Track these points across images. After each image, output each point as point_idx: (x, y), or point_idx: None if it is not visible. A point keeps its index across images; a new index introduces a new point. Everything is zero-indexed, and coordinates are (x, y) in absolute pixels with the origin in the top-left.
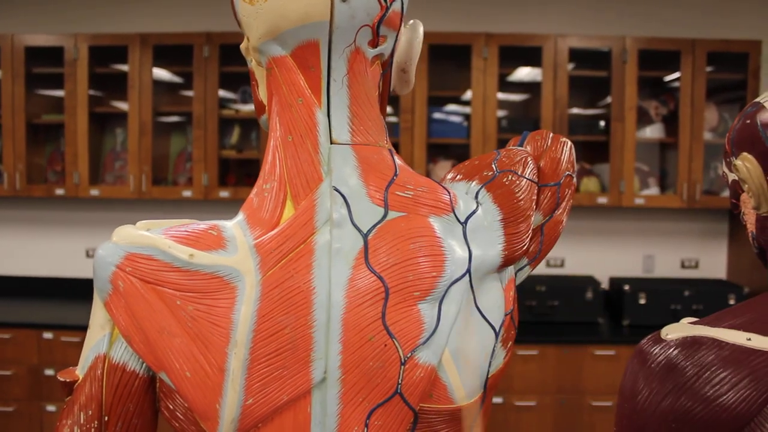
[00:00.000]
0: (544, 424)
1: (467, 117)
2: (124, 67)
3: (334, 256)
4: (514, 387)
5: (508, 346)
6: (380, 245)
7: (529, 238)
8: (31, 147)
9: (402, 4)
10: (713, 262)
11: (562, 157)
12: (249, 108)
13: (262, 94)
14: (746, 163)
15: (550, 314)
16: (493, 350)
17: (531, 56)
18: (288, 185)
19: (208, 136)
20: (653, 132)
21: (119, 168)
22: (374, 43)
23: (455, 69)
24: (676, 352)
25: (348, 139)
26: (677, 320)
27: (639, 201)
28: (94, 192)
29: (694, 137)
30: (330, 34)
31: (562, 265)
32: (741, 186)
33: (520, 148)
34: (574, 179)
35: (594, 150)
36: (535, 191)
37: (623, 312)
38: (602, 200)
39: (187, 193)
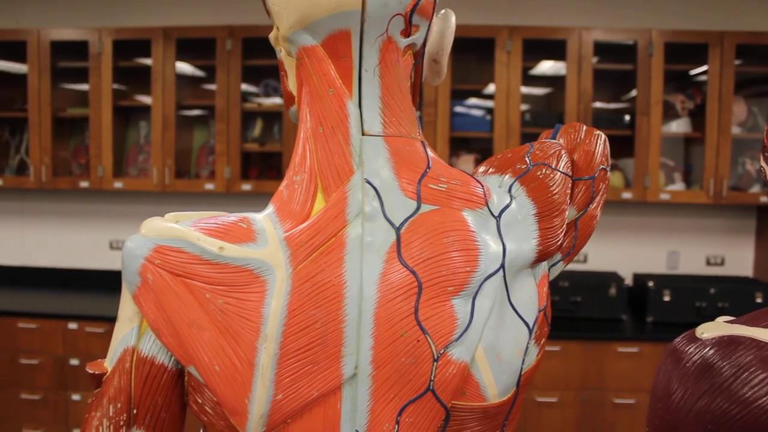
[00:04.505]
0: (566, 420)
1: (490, 111)
2: (148, 61)
3: (365, 249)
4: (535, 383)
5: (541, 342)
6: (413, 239)
7: (563, 233)
8: (56, 140)
9: None
10: (740, 259)
11: (597, 151)
12: (271, 101)
13: (292, 84)
14: None
15: (573, 310)
16: (527, 347)
17: (555, 49)
18: (319, 177)
19: (231, 130)
20: (679, 126)
21: (142, 161)
22: (407, 33)
23: (478, 62)
24: (712, 351)
25: (380, 130)
26: (702, 318)
27: (664, 196)
28: (118, 185)
29: (722, 132)
30: (362, 23)
31: (585, 260)
32: None
33: (553, 140)
34: (608, 173)
35: (619, 144)
36: (570, 185)
37: (647, 309)
38: (627, 195)
39: (209, 186)
